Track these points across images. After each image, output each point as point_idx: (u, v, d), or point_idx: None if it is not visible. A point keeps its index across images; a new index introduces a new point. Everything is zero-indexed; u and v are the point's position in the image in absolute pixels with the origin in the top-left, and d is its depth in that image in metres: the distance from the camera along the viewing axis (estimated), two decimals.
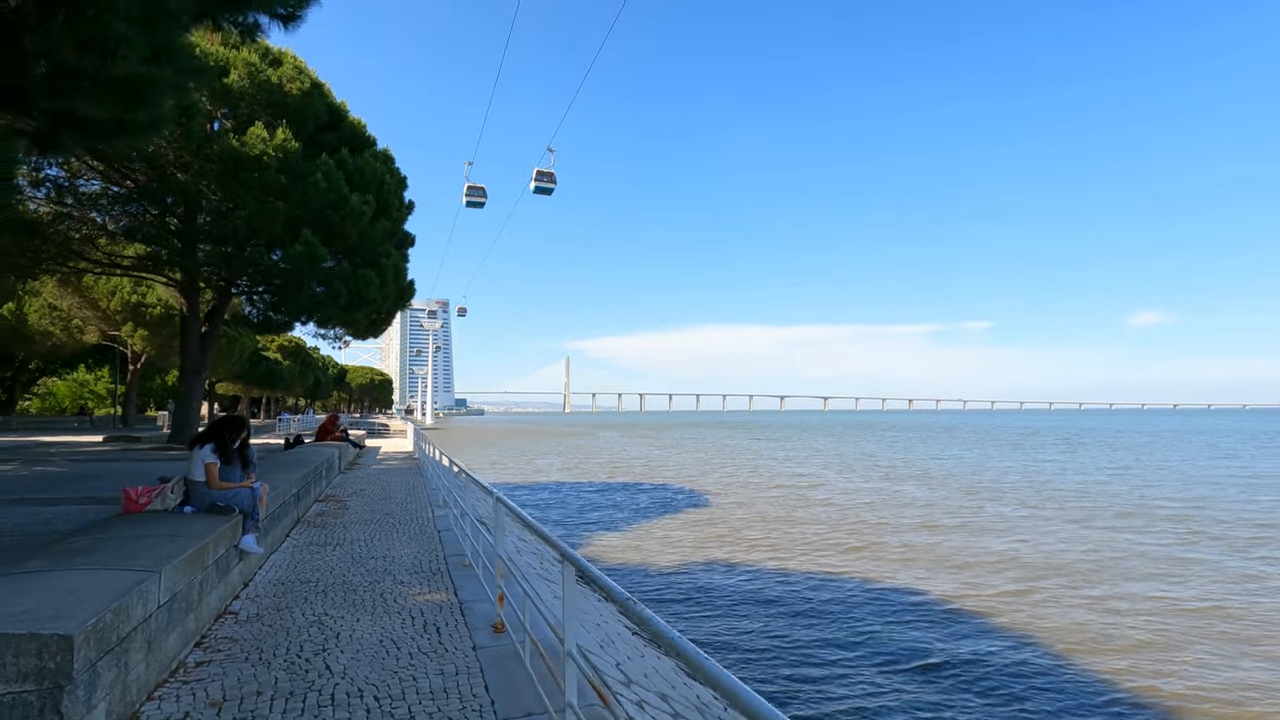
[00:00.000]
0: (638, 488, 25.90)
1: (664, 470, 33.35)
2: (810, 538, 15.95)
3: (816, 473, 31.79)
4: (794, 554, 14.28)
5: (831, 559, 13.95)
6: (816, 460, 39.55)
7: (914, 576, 12.48)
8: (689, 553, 14.18)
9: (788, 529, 17.07)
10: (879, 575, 12.62)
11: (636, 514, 19.25)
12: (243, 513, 5.67)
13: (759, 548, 14.90)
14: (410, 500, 11.18)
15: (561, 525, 17.55)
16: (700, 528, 16.95)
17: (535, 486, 27.14)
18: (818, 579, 12.23)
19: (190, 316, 17.60)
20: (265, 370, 49.78)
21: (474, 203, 21.81)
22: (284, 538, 7.89)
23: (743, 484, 27.06)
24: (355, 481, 13.90)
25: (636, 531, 16.52)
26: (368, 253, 17.05)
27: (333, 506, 10.51)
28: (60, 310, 28.84)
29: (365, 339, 21.00)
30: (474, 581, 6.01)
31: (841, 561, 13.74)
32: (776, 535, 16.27)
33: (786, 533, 16.57)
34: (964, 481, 27.82)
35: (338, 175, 15.72)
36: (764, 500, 22.10)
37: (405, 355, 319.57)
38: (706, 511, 19.71)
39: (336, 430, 18.21)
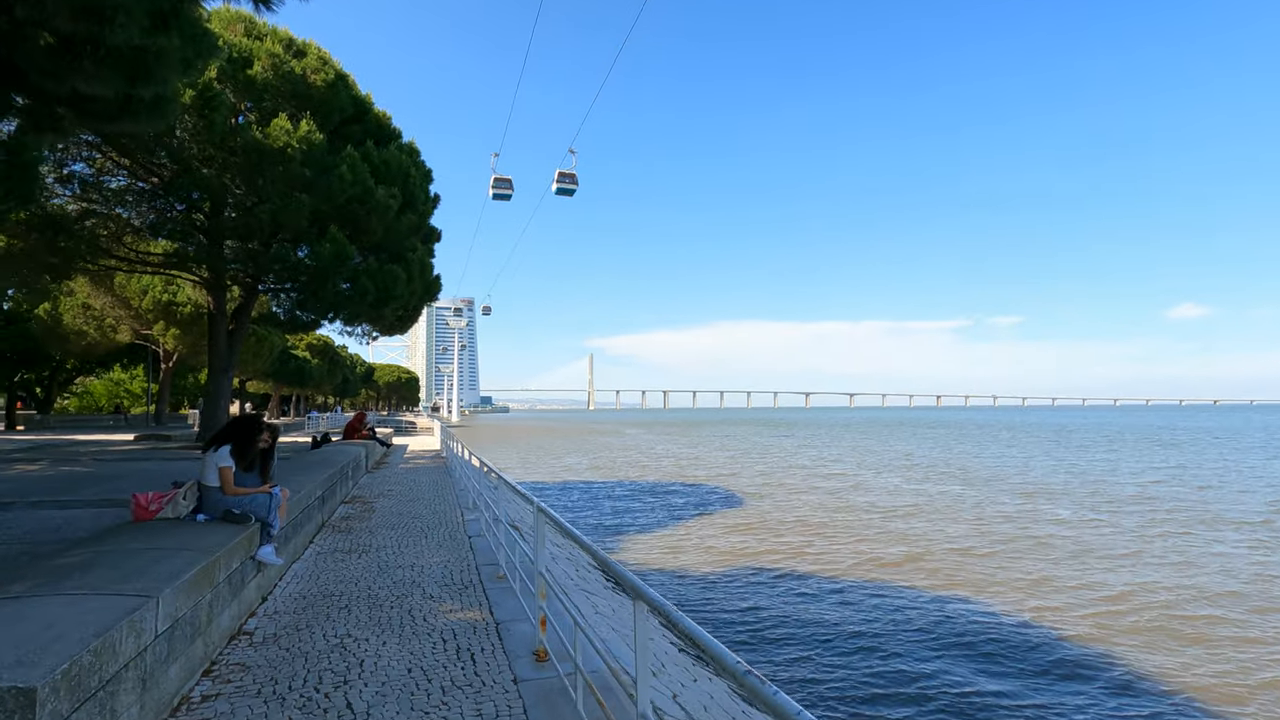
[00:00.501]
0: (670, 487, 25.26)
1: (695, 469, 32.66)
2: (860, 546, 14.97)
3: (853, 472, 30.79)
4: (845, 564, 13.32)
5: (890, 573, 12.79)
6: (851, 459, 38.50)
7: (1000, 601, 11.15)
8: (730, 560, 13.46)
9: (834, 536, 16.13)
10: (949, 594, 11.46)
11: (671, 515, 18.64)
12: (260, 521, 5.20)
13: (806, 557, 13.96)
14: (439, 502, 10.73)
15: (596, 529, 16.98)
16: (740, 533, 16.18)
17: (565, 486, 26.70)
18: (880, 597, 11.09)
19: (217, 314, 17.42)
20: (294, 368, 50.15)
21: (500, 195, 21.38)
22: (307, 544, 7.46)
23: (778, 484, 26.25)
24: (382, 482, 13.53)
25: (672, 535, 15.92)
26: (394, 247, 16.69)
27: (359, 509, 10.10)
28: (94, 310, 29.09)
29: (392, 335, 20.72)
30: (510, 597, 5.48)
31: (903, 576, 12.56)
32: (822, 542, 15.41)
33: (833, 539, 15.66)
34: (1011, 481, 26.63)
35: (363, 168, 15.36)
36: (803, 502, 21.27)
37: (431, 353, 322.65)
38: (743, 514, 19.00)
39: (364, 429, 17.92)
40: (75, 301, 28.98)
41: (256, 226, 14.01)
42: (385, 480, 13.78)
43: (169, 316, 29.48)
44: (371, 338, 21.00)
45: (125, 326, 30.27)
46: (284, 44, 15.12)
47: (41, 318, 29.03)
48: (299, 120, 14.30)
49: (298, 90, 14.92)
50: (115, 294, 28.78)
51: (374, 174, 15.90)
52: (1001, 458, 38.43)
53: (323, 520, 8.64)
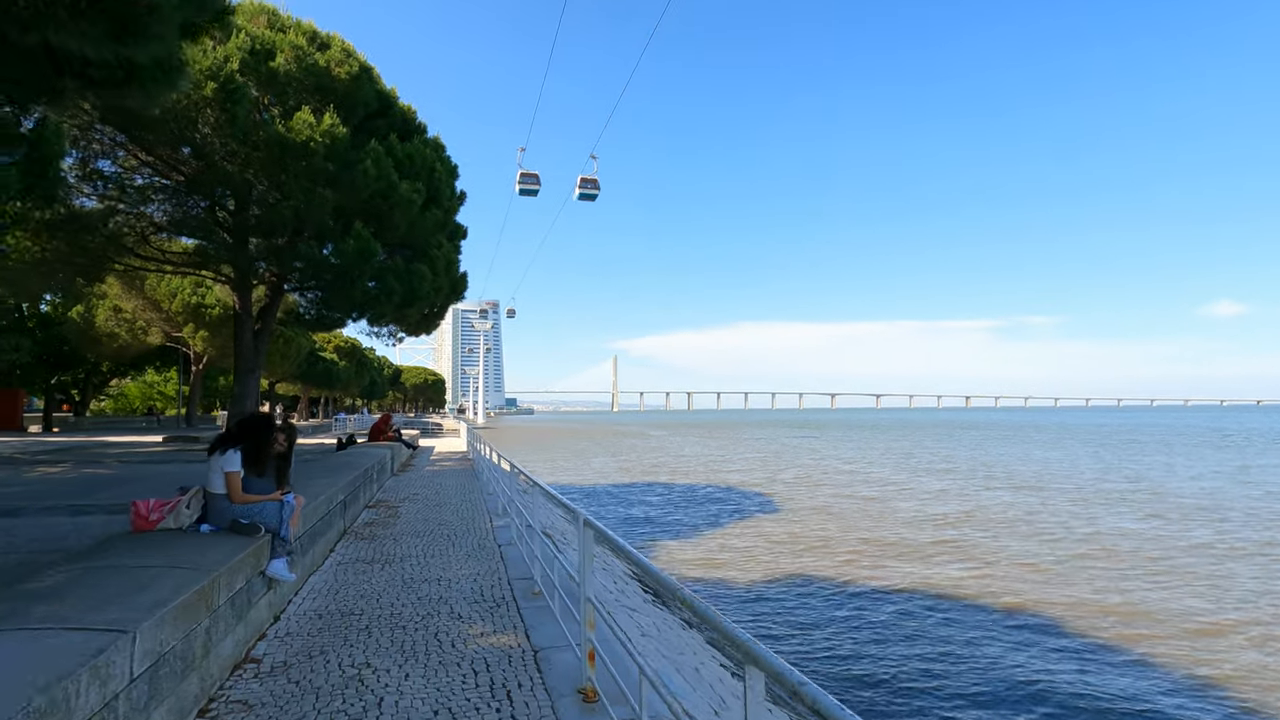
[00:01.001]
0: (704, 491, 24.49)
1: (728, 472, 31.82)
2: (916, 558, 13.96)
3: (893, 476, 29.63)
4: (904, 578, 12.30)
5: (955, 589, 11.75)
6: (888, 461, 37.28)
7: (1085, 629, 10.03)
8: (777, 570, 12.68)
9: (887, 545, 15.17)
10: (1026, 618, 10.37)
11: (708, 522, 17.94)
12: (270, 532, 4.67)
13: (858, 570, 12.99)
14: (466, 507, 10.20)
15: (630, 535, 16.34)
16: (784, 542, 15.32)
17: (594, 489, 26.14)
18: (951, 624, 9.98)
19: (243, 314, 17.13)
20: (322, 370, 50.41)
21: (527, 190, 20.91)
22: (327, 553, 6.95)
23: (816, 488, 25.31)
24: (408, 485, 13.08)
25: (711, 543, 15.21)
26: (419, 244, 16.27)
27: (383, 514, 9.61)
28: (125, 312, 29.28)
29: (418, 335, 20.33)
30: (548, 618, 4.88)
31: (968, 592, 11.48)
32: (874, 552, 14.47)
33: (886, 550, 14.69)
34: (1063, 486, 25.33)
35: (387, 162, 14.96)
36: (846, 508, 20.31)
37: (457, 355, 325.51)
38: (785, 521, 18.19)
39: (389, 430, 17.55)
40: (107, 304, 29.20)
41: (279, 223, 13.65)
42: (411, 484, 13.33)
43: (198, 318, 29.57)
44: (397, 338, 20.64)
45: (156, 329, 30.43)
46: (307, 36, 14.78)
47: (75, 320, 29.32)
48: (322, 114, 13.94)
49: (321, 83, 14.55)
50: (146, 296, 28.95)
51: (398, 169, 15.49)
52: (1046, 461, 36.97)
53: (345, 527, 8.15)
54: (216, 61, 12.19)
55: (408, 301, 15.34)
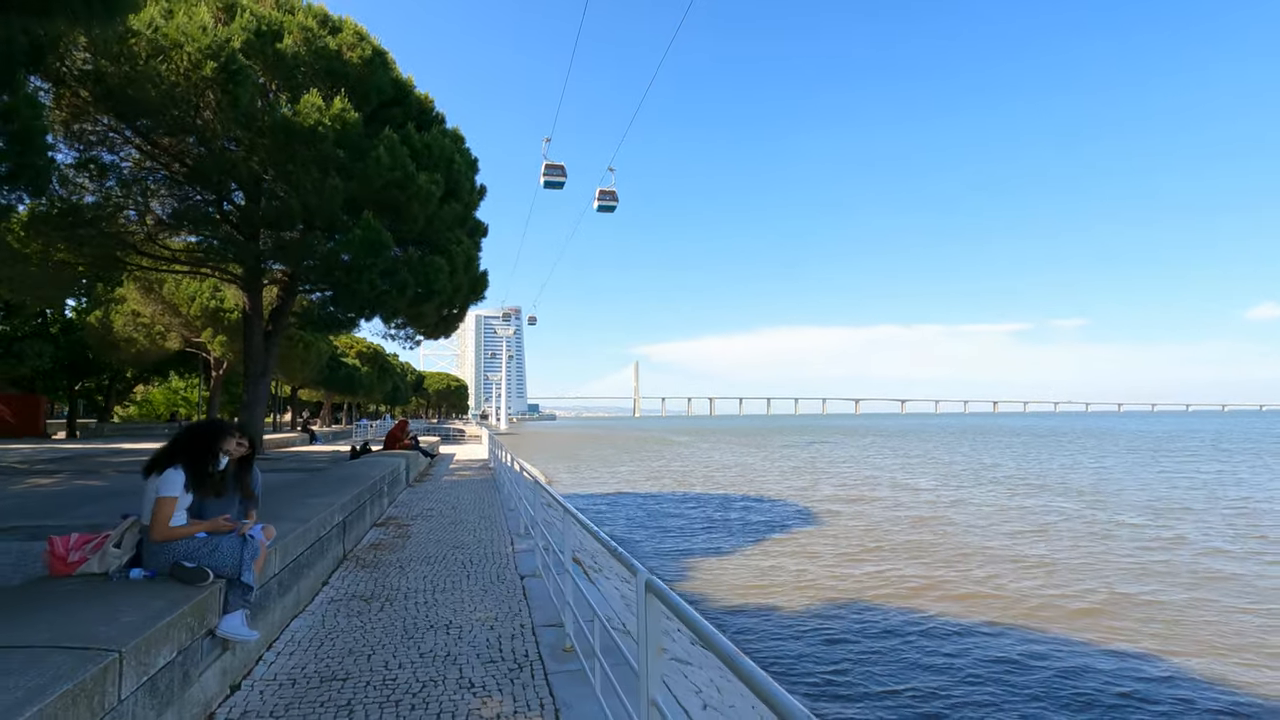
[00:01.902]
0: (738, 502, 23.02)
1: (762, 482, 30.23)
2: (997, 584, 12.13)
3: (941, 487, 27.61)
4: (989, 610, 10.54)
5: (1052, 623, 9.84)
6: (932, 470, 35.23)
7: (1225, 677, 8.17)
8: (832, 599, 11.11)
9: (955, 566, 13.35)
10: (1149, 661, 8.62)
11: (746, 537, 16.60)
12: (223, 577, 3.57)
13: (929, 599, 11.15)
14: (485, 526, 9.09)
15: (663, 552, 15.06)
16: (837, 562, 13.71)
17: (623, 499, 24.95)
18: (1071, 675, 8.20)
19: (253, 315, 16.29)
20: (344, 376, 49.95)
21: (553, 183, 19.87)
22: (319, 586, 5.86)
23: (859, 500, 23.49)
24: (423, 498, 12.02)
25: (753, 563, 13.87)
26: (436, 239, 15.28)
27: (392, 534, 8.53)
28: (143, 317, 28.80)
29: (436, 337, 19.37)
30: (585, 693, 3.71)
31: (1070, 627, 9.61)
32: (947, 575, 12.68)
33: (956, 572, 12.89)
34: (1128, 498, 23.18)
35: (402, 151, 13.99)
36: (899, 524, 18.45)
37: (480, 361, 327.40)
38: (833, 536, 16.68)
39: (406, 437, 16.56)
40: (125, 309, 28.76)
41: (287, 216, 12.73)
42: (426, 496, 12.27)
43: (217, 323, 29.01)
44: (414, 341, 19.69)
45: (175, 334, 29.95)
46: (318, 19, 13.90)
47: (93, 325, 28.92)
48: (332, 99, 13.02)
49: (332, 68, 13.66)
50: (164, 300, 28.46)
51: (414, 159, 14.53)
52: (1099, 469, 34.84)
53: (345, 551, 7.07)
54: (217, 40, 11.30)
55: (423, 297, 14.33)
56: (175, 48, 10.94)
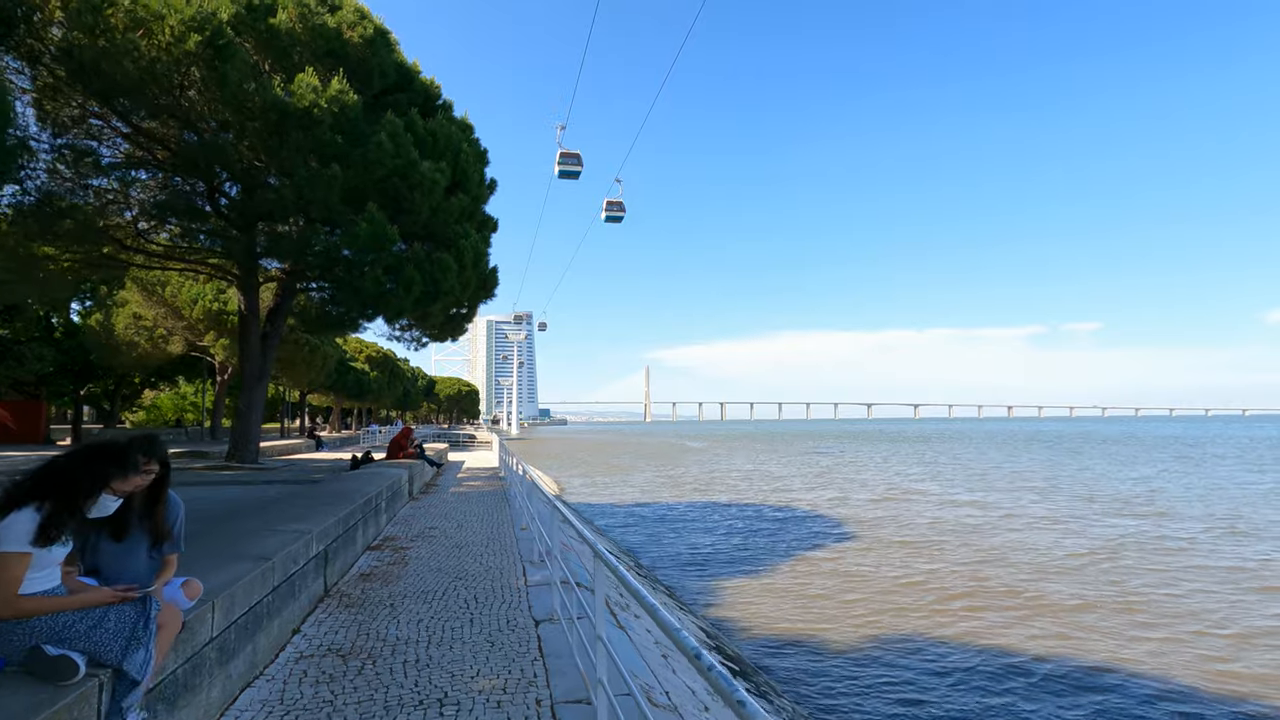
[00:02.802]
0: (769, 516, 21.59)
1: (789, 491, 28.72)
2: (1066, 616, 10.72)
3: (980, 497, 25.96)
4: (1104, 650, 9.21)
5: (1171, 668, 8.60)
6: (962, 478, 33.61)
7: None
8: (902, 633, 9.86)
9: (1021, 597, 11.82)
10: None
11: (783, 557, 15.29)
12: (106, 666, 2.46)
13: (1023, 634, 9.76)
14: (493, 550, 7.97)
15: (694, 573, 13.80)
16: (892, 589, 12.35)
17: (643, 511, 23.78)
18: None
19: (249, 315, 15.34)
20: (353, 381, 49.16)
21: (568, 172, 18.82)
22: (290, 634, 4.77)
23: (897, 513, 21.92)
24: (426, 514, 10.93)
25: (796, 589, 12.52)
26: (443, 233, 14.25)
27: (387, 559, 7.44)
28: (145, 320, 28.03)
29: (444, 339, 18.34)
30: None
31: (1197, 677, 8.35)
32: (1034, 606, 11.13)
33: (1025, 602, 11.37)
34: (1192, 513, 21.26)
35: (406, 138, 12.99)
36: (944, 539, 17.07)
37: (491, 366, 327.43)
38: (879, 556, 15.18)
39: (410, 446, 15.48)
40: (126, 312, 28.00)
41: (279, 206, 11.74)
42: (430, 512, 11.18)
43: (220, 326, 28.23)
44: (420, 343, 18.65)
45: (178, 337, 29.19)
46: None
47: (94, 328, 28.16)
48: (330, 80, 12.02)
49: (331, 48, 12.67)
50: (167, 304, 27.73)
51: (419, 147, 13.52)
52: (1141, 478, 33.09)
53: (326, 586, 5.97)
54: (203, 12, 10.32)
55: (430, 296, 13.27)
56: (156, 19, 9.96)
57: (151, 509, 2.99)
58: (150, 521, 3.00)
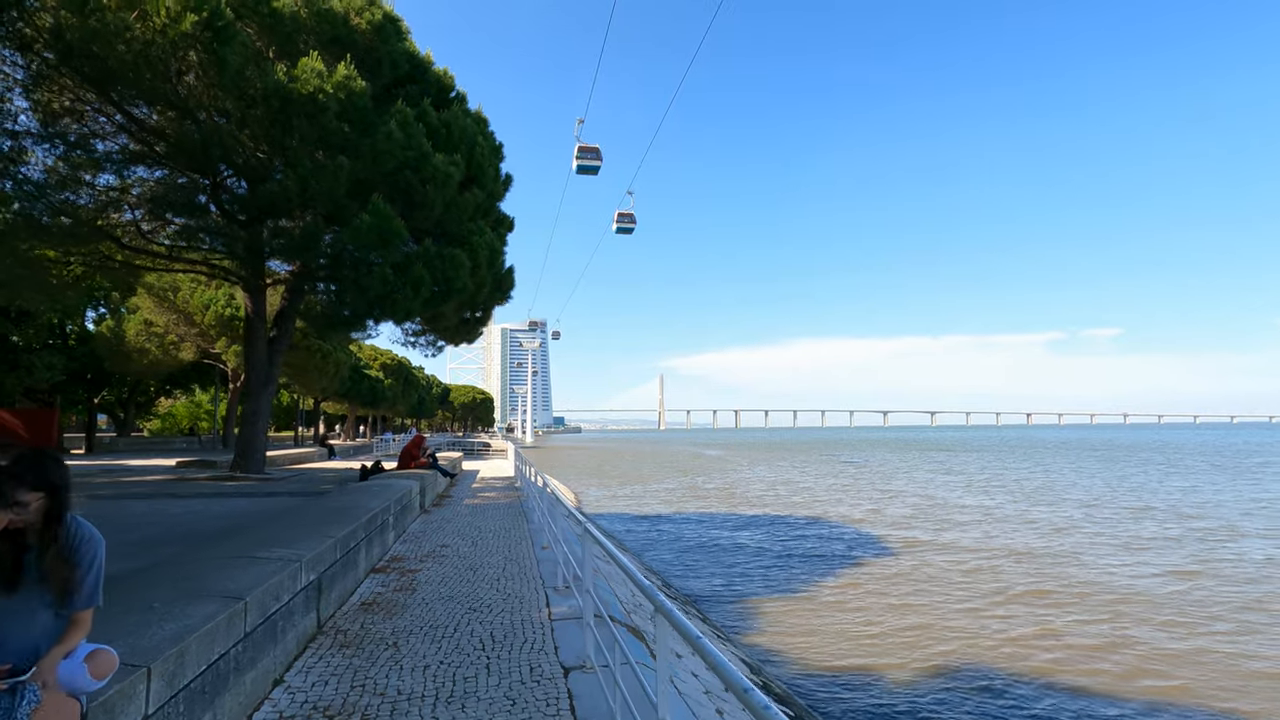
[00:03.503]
0: (801, 530, 20.31)
1: (819, 504, 27.19)
2: (1191, 648, 9.56)
3: (1026, 509, 24.42)
4: (1203, 689, 8.21)
5: None
6: (999, 489, 31.98)
7: None
8: (967, 663, 8.81)
9: (1130, 626, 10.56)
10: None
11: (824, 578, 14.19)
12: None
13: (1116, 670, 8.71)
14: (511, 573, 7.11)
15: (729, 597, 12.79)
16: (949, 614, 11.20)
17: (666, 523, 22.84)
18: None
19: (255, 318, 14.67)
20: (367, 388, 48.68)
21: (586, 167, 18.06)
22: (270, 686, 3.92)
23: (938, 526, 20.66)
24: (438, 528, 10.10)
25: (847, 616, 11.36)
26: (455, 229, 13.50)
27: (392, 585, 6.60)
28: (157, 326, 27.61)
29: (458, 343, 17.60)
30: None
31: None
32: (1118, 635, 10.01)
33: (1134, 633, 10.14)
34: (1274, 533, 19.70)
35: (417, 128, 12.26)
36: (999, 557, 15.77)
37: (506, 374, 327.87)
38: (924, 573, 13.93)
39: (422, 455, 14.67)
40: (138, 319, 27.60)
41: (282, 200, 11.02)
42: (442, 527, 10.35)
43: (231, 332, 27.72)
44: (435, 348, 17.92)
45: (189, 344, 28.73)
46: None
47: (104, 335, 27.78)
48: (336, 66, 11.32)
49: (338, 34, 12.00)
50: (179, 310, 27.29)
51: (432, 138, 12.80)
52: (1198, 489, 31.33)
53: (319, 621, 5.13)
54: None
55: (441, 295, 12.50)
56: None
57: (49, 551, 2.16)
58: (51, 569, 2.16)
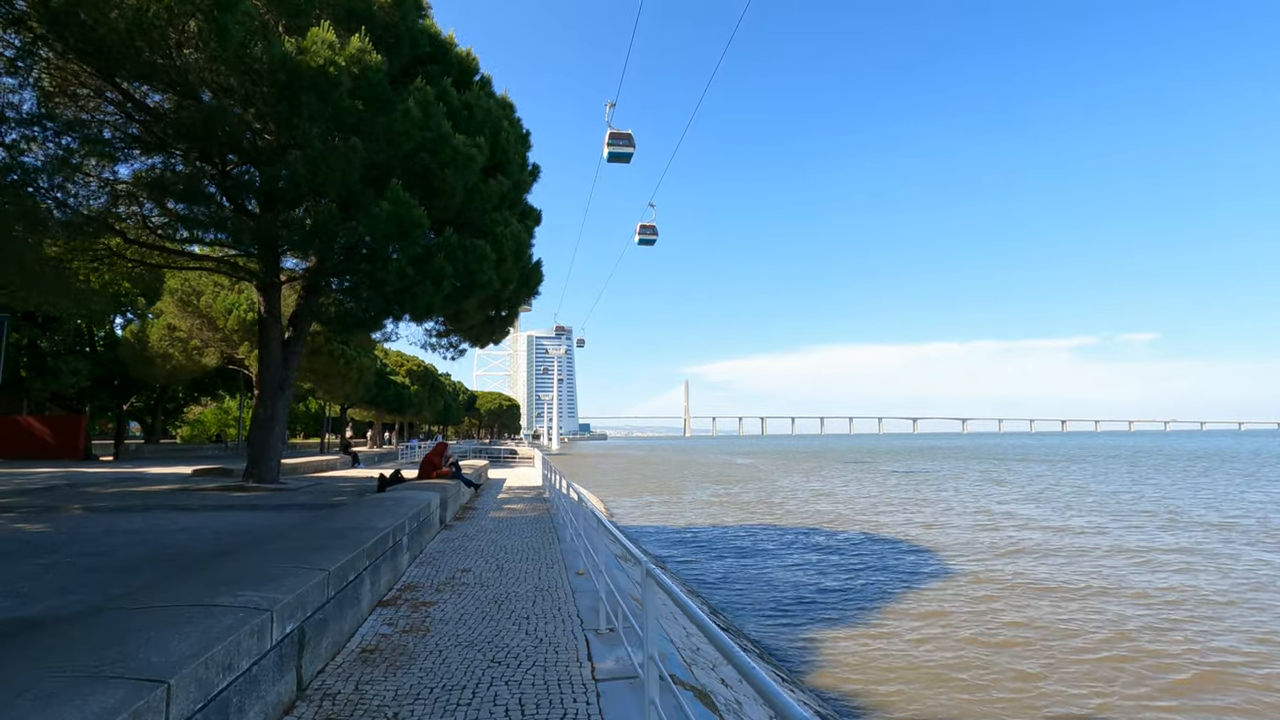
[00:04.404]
0: (856, 546, 18.80)
1: (868, 515, 25.49)
2: None
3: (1097, 522, 22.43)
4: None
5: None
6: (1059, 503, 29.35)
7: None
8: None
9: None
10: None
11: (894, 598, 12.78)
12: None
13: None
14: (543, 611, 5.95)
15: (792, 623, 11.46)
16: (1061, 657, 9.62)
17: (705, 535, 21.57)
18: None
19: (269, 318, 13.81)
20: (393, 395, 48.20)
21: (619, 155, 16.99)
22: None
23: (1011, 544, 18.74)
24: (458, 549, 9.00)
25: (925, 649, 10.07)
26: (478, 219, 12.48)
27: (400, 625, 5.49)
28: (180, 331, 27.16)
29: (483, 345, 16.58)
30: None
31: None
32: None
33: None
34: None
35: (437, 108, 11.27)
36: (1095, 582, 13.92)
37: (532, 381, 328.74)
38: (1011, 600, 12.36)
39: (444, 464, 13.65)
40: (161, 323, 27.20)
41: (290, 184, 10.08)
42: (464, 546, 9.25)
43: (254, 337, 27.15)
44: (458, 350, 16.91)
45: (212, 349, 28.22)
46: None
47: (128, 340, 27.43)
48: (349, 38, 10.37)
49: (353, 7, 11.07)
50: (202, 314, 26.81)
51: (453, 119, 11.81)
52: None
53: (300, 684, 4.02)
54: None
55: (463, 291, 11.47)
56: None
57: None
58: None
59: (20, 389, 29.33)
